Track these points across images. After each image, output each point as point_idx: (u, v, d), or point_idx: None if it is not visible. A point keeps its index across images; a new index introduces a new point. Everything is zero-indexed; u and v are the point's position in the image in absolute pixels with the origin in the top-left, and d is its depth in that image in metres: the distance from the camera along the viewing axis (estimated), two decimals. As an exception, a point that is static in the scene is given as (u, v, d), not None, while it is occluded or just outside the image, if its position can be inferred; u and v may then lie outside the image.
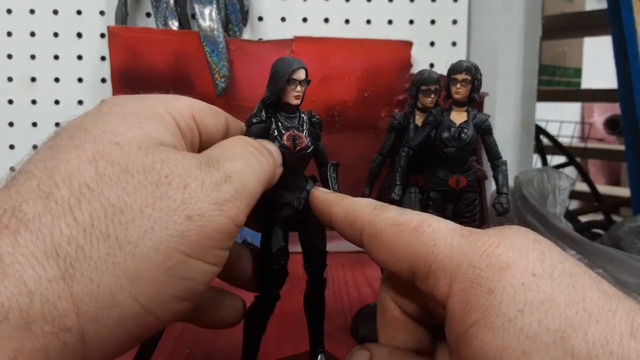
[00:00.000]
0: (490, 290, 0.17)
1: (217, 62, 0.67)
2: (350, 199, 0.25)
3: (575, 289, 0.16)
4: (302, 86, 0.28)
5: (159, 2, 0.70)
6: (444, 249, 0.19)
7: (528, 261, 0.17)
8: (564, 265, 0.17)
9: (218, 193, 0.20)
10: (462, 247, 0.18)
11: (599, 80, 1.37)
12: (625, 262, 0.50)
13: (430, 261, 0.19)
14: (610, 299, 0.16)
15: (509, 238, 0.18)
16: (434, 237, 0.19)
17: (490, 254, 0.18)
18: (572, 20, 1.14)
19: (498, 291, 0.16)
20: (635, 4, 0.61)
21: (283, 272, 0.30)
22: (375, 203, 0.24)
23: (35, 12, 0.72)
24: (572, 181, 0.64)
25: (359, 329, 0.39)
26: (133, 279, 0.18)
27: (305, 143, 0.29)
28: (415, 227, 0.20)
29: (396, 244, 0.20)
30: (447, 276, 0.18)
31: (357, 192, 0.42)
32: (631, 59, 0.62)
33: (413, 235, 0.20)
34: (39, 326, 0.16)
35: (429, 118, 0.36)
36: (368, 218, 0.22)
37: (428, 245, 0.19)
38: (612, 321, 0.15)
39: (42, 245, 0.17)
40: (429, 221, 0.20)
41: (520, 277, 0.17)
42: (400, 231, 0.20)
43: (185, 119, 0.24)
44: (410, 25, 0.76)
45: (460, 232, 0.19)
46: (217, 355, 0.36)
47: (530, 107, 0.78)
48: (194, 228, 0.19)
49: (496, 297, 0.16)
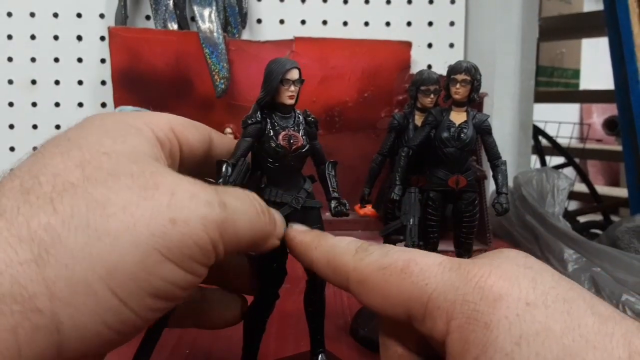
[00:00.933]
0: (487, 324, 0.17)
1: (216, 64, 0.67)
2: (328, 241, 0.24)
3: (570, 315, 0.16)
4: (295, 86, 0.29)
5: (158, 5, 0.70)
6: (436, 287, 0.19)
7: (520, 290, 0.17)
8: (557, 290, 0.17)
9: (209, 211, 0.20)
10: (454, 282, 0.18)
11: (597, 81, 1.38)
12: (623, 261, 0.51)
13: (425, 301, 0.19)
14: (606, 322, 0.16)
15: (499, 266, 0.18)
16: (424, 276, 0.19)
17: (482, 285, 0.18)
18: (570, 22, 1.15)
19: (494, 325, 0.16)
20: (631, 5, 0.62)
21: (282, 271, 0.30)
22: (356, 244, 0.23)
23: (36, 15, 0.72)
24: (571, 181, 0.65)
25: (359, 329, 0.39)
26: (110, 271, 0.17)
27: (301, 142, 0.29)
28: (402, 269, 0.20)
29: (386, 289, 0.20)
30: (444, 314, 0.18)
31: (357, 192, 0.42)
32: (627, 59, 0.62)
33: (402, 277, 0.19)
34: (7, 305, 0.16)
35: (429, 118, 0.37)
36: (352, 265, 0.22)
37: (420, 286, 0.19)
38: (609, 345, 0.15)
39: (16, 232, 0.17)
40: (415, 259, 0.20)
41: (515, 307, 0.17)
42: (388, 275, 0.20)
43: (164, 131, 0.23)
44: (408, 27, 0.76)
45: (450, 266, 0.19)
46: (217, 355, 0.36)
47: (528, 108, 0.78)
48: (176, 233, 0.19)
49: (492, 331, 0.16)
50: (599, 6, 0.79)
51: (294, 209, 0.29)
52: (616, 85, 0.66)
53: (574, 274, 0.53)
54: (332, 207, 0.31)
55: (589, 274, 0.51)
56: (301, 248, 0.25)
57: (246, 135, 0.28)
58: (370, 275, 0.21)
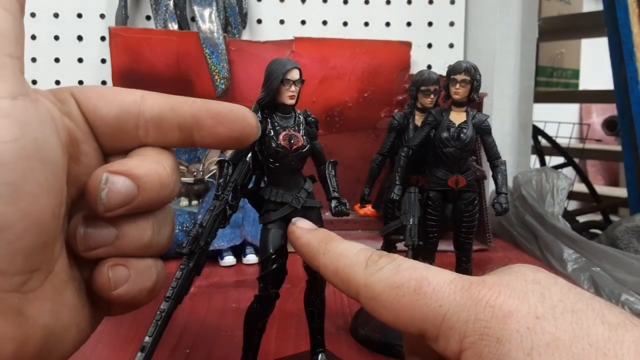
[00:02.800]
0: (499, 339, 0.17)
1: (216, 64, 0.67)
2: (337, 248, 0.24)
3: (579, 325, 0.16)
4: (296, 86, 0.29)
5: (158, 5, 0.70)
6: (449, 309, 0.19)
7: (529, 305, 0.18)
8: (565, 303, 0.18)
9: None
10: (466, 302, 0.19)
11: (596, 81, 1.38)
12: (623, 261, 0.51)
13: (439, 323, 0.19)
14: (615, 329, 0.16)
15: (508, 284, 0.19)
16: (437, 297, 0.19)
17: (492, 304, 0.18)
18: (569, 22, 1.15)
19: (506, 339, 0.17)
20: (631, 5, 0.62)
21: (282, 271, 0.30)
22: (366, 254, 0.23)
23: (36, 15, 0.72)
24: (571, 181, 0.65)
25: (359, 328, 0.39)
26: None
27: (301, 142, 0.29)
28: (415, 289, 0.20)
29: (399, 308, 0.20)
30: (456, 334, 0.18)
31: (357, 192, 0.42)
32: (627, 59, 0.62)
33: (415, 299, 0.20)
34: None
35: (429, 118, 0.37)
36: (363, 281, 0.21)
37: (433, 308, 0.19)
38: (619, 352, 0.16)
39: None
40: (427, 278, 0.20)
41: (524, 321, 0.17)
42: (401, 295, 0.20)
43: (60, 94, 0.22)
44: (407, 27, 0.76)
45: (461, 285, 0.20)
46: (217, 355, 0.36)
47: (527, 108, 0.78)
48: None
49: (505, 345, 0.17)
50: (599, 6, 0.79)
51: (294, 208, 0.29)
52: (616, 85, 0.66)
53: (573, 273, 0.53)
54: (332, 206, 0.31)
55: (588, 273, 0.52)
56: (308, 252, 0.25)
57: None
58: (382, 293, 0.21)
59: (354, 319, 0.41)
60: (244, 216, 0.59)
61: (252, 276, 0.53)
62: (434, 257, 0.37)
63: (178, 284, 0.24)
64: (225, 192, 0.27)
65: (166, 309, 0.23)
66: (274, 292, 0.30)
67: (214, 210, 0.27)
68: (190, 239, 0.26)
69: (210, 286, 0.50)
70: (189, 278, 0.25)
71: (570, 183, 0.65)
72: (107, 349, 0.37)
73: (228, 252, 0.57)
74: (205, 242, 0.26)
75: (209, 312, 0.44)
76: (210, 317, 0.43)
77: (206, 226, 0.26)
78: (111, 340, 0.38)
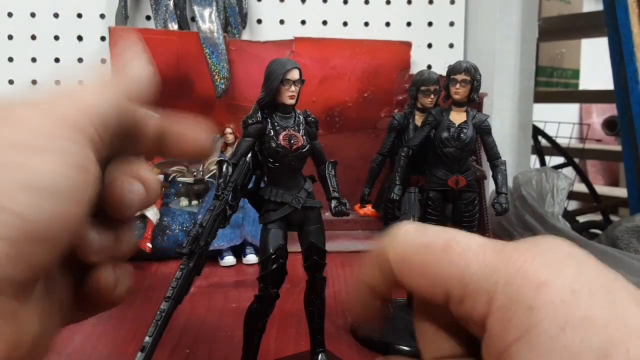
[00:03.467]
0: (531, 307, 0.17)
1: (216, 64, 0.67)
2: None
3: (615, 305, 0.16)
4: (296, 86, 0.29)
5: (158, 5, 0.70)
6: (478, 269, 0.18)
7: (565, 277, 0.17)
8: (601, 280, 0.17)
9: None
10: (496, 264, 0.18)
11: (596, 82, 1.38)
12: (623, 261, 0.51)
13: (466, 282, 0.18)
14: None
15: (543, 253, 0.18)
16: (466, 257, 0.19)
17: (526, 270, 0.17)
18: (569, 22, 1.15)
19: (538, 308, 0.16)
20: (631, 5, 0.62)
21: (282, 271, 0.30)
22: None
23: (36, 15, 0.72)
24: (571, 181, 0.65)
25: (359, 328, 0.39)
26: None
27: (301, 142, 0.29)
28: (443, 247, 0.19)
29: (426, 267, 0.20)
30: (485, 295, 0.18)
31: (357, 192, 0.42)
32: (627, 59, 0.62)
33: (442, 257, 0.19)
34: None
35: (429, 118, 0.37)
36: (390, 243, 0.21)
37: (461, 267, 0.19)
38: None
39: None
40: (455, 239, 0.20)
41: (560, 294, 0.17)
42: (429, 254, 0.20)
43: None
44: (407, 27, 0.76)
45: (492, 248, 0.19)
46: (217, 355, 0.36)
47: (527, 108, 0.78)
48: None
49: (537, 314, 0.16)
50: (599, 6, 0.79)
51: (294, 208, 0.29)
52: (616, 85, 0.66)
53: (573, 273, 0.53)
54: (332, 206, 0.31)
55: (588, 273, 0.52)
56: None
57: (247, 135, 0.29)
58: (410, 253, 0.20)
59: (354, 319, 0.41)
60: (244, 216, 0.59)
61: (252, 276, 0.53)
62: (434, 257, 0.37)
63: (178, 284, 0.24)
64: (225, 192, 0.27)
65: (166, 309, 0.24)
66: (274, 292, 0.30)
67: (214, 210, 0.27)
68: (190, 239, 0.26)
69: (210, 286, 0.50)
70: (189, 278, 0.25)
71: (570, 183, 0.65)
72: (107, 349, 0.37)
73: (228, 252, 0.57)
74: (205, 242, 0.26)
75: (209, 312, 0.44)
76: (210, 317, 0.43)
77: (206, 226, 0.26)
78: (111, 340, 0.38)
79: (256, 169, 0.31)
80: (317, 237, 0.31)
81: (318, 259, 0.31)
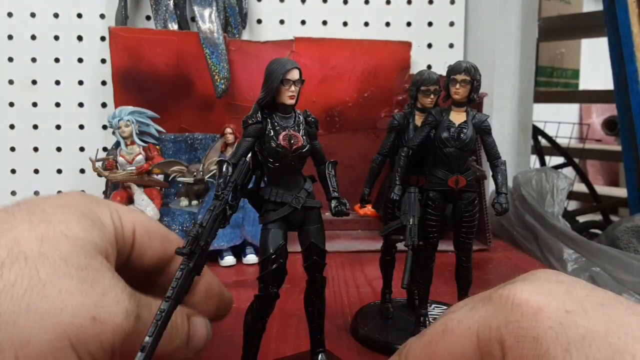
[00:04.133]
0: (535, 338, 0.17)
1: (216, 64, 0.67)
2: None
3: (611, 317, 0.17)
4: (296, 86, 0.29)
5: (158, 5, 0.70)
6: (479, 325, 0.19)
7: (557, 300, 0.18)
8: (592, 297, 0.18)
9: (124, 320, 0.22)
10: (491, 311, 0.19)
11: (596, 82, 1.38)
12: (623, 261, 0.51)
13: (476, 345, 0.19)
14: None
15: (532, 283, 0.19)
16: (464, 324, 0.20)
17: (518, 303, 0.18)
18: (569, 22, 1.15)
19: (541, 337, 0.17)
20: (631, 5, 0.62)
21: (282, 270, 0.30)
22: None
23: (36, 15, 0.72)
24: (571, 181, 0.65)
25: (359, 328, 0.39)
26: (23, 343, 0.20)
27: (301, 142, 0.29)
28: (443, 331, 0.20)
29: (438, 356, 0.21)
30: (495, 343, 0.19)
31: (357, 192, 0.42)
32: (627, 60, 0.62)
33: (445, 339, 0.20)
34: None
35: (429, 118, 0.37)
36: None
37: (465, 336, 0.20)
38: None
39: None
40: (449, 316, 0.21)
41: (556, 316, 0.17)
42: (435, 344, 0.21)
43: (125, 231, 0.26)
44: (407, 27, 0.76)
45: (480, 300, 0.20)
46: (217, 355, 0.36)
47: (527, 108, 0.78)
48: (90, 329, 0.21)
49: (542, 344, 0.17)
50: (599, 6, 0.79)
51: (294, 208, 0.29)
52: (615, 85, 0.66)
53: (573, 273, 0.53)
54: (332, 206, 0.31)
55: (588, 273, 0.52)
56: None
57: (247, 135, 0.29)
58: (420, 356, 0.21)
59: (354, 318, 0.41)
60: (244, 216, 0.59)
61: (252, 276, 0.53)
62: (434, 257, 0.37)
63: (178, 284, 0.24)
64: (225, 192, 0.27)
65: (166, 309, 0.24)
66: (274, 292, 0.30)
67: (214, 210, 0.27)
68: (190, 239, 0.26)
69: (210, 286, 0.50)
70: (189, 278, 0.25)
71: (570, 183, 0.65)
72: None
73: (228, 252, 0.57)
74: (205, 242, 0.26)
75: (209, 312, 0.44)
76: (210, 317, 0.43)
77: (206, 226, 0.26)
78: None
79: (256, 169, 0.30)
80: (317, 237, 0.31)
81: (318, 259, 0.31)
